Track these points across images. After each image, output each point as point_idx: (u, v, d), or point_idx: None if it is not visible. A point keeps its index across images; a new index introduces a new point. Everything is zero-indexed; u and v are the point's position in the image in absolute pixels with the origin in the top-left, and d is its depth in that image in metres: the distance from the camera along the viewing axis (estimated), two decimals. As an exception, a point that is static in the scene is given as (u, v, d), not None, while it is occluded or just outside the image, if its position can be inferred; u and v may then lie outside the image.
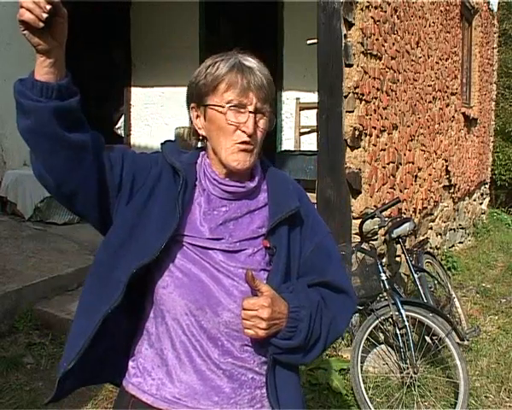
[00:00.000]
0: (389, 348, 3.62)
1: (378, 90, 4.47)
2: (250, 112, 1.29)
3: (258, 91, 1.29)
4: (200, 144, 1.40)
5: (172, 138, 1.61)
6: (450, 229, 7.37)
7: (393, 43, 4.82)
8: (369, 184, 4.28)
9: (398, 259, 4.82)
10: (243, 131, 1.29)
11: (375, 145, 4.42)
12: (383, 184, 4.60)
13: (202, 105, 1.34)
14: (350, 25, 4.03)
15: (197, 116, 1.36)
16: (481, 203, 9.67)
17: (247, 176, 1.37)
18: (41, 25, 1.08)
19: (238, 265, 1.30)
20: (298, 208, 1.36)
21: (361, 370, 3.34)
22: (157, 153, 1.40)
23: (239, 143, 1.29)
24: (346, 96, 3.99)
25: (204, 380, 1.28)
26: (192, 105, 1.37)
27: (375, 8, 4.35)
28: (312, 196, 5.32)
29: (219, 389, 1.28)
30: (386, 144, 4.67)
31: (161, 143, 1.40)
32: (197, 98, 1.35)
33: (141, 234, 1.27)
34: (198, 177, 1.37)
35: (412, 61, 5.36)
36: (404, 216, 4.76)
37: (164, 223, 1.26)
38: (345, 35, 3.97)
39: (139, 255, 1.24)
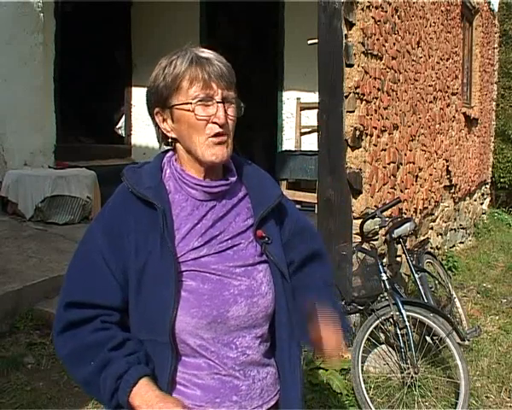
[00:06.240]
0: (390, 349, 3.61)
1: (379, 90, 4.46)
2: (218, 102, 1.27)
3: (220, 80, 1.27)
4: (166, 148, 1.38)
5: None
6: (451, 229, 7.36)
7: (394, 44, 4.81)
8: (370, 184, 4.27)
9: (398, 259, 4.81)
10: (215, 123, 1.27)
11: (375, 145, 4.42)
12: (384, 184, 4.60)
13: (167, 107, 1.30)
14: (351, 25, 4.03)
15: (163, 120, 1.33)
16: (482, 203, 9.66)
17: (221, 170, 1.36)
18: None
19: (236, 264, 1.30)
20: (281, 195, 1.39)
21: (362, 370, 3.34)
22: (116, 192, 1.35)
23: (213, 136, 1.27)
24: (346, 96, 3.98)
25: (223, 383, 1.29)
26: (156, 110, 1.33)
27: (376, 8, 4.35)
28: (313, 196, 5.33)
29: (237, 388, 1.30)
30: (386, 144, 4.67)
31: (121, 175, 1.33)
32: (160, 102, 1.31)
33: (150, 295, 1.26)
34: (173, 188, 1.33)
35: (413, 61, 5.36)
36: (405, 216, 4.76)
37: (164, 274, 1.25)
38: (345, 35, 3.97)
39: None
